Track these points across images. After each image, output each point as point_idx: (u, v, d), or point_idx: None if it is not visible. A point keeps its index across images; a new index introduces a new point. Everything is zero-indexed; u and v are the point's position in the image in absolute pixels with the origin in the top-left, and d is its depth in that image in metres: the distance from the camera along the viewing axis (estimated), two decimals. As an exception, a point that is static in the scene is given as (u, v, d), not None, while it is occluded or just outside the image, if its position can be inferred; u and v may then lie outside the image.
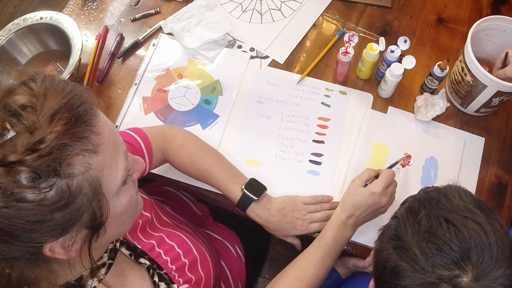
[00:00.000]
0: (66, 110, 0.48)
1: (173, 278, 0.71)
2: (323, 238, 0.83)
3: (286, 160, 1.00)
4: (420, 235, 0.55)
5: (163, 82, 1.09)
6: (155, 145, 0.88)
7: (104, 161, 0.51)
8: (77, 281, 0.59)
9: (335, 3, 1.18)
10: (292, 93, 1.07)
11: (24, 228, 0.46)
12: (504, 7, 1.17)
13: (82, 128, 0.49)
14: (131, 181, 0.58)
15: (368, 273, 0.92)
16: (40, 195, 0.45)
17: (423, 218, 0.56)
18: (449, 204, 0.57)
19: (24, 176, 0.44)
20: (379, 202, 0.82)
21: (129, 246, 0.71)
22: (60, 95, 0.49)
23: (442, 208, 0.56)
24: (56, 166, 0.45)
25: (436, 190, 0.60)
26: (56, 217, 0.47)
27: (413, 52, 1.08)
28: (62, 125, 0.47)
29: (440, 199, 0.58)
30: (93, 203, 0.50)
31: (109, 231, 0.55)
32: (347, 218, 0.83)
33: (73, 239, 0.51)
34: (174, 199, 1.09)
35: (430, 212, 0.57)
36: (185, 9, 1.16)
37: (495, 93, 0.91)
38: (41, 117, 0.46)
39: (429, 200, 0.59)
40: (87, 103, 0.51)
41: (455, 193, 0.58)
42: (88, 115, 0.50)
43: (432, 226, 0.55)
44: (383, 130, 1.01)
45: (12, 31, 1.07)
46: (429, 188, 0.63)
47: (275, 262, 1.53)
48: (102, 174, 0.51)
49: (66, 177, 0.46)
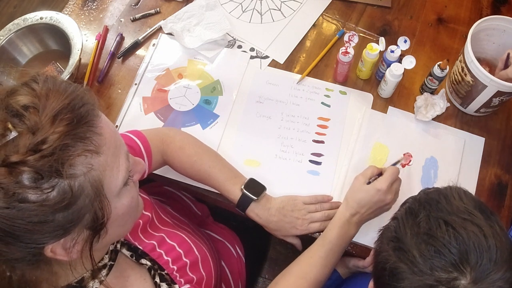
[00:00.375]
0: (68, 110, 0.48)
1: (175, 279, 0.71)
2: (327, 237, 0.83)
3: (286, 160, 1.00)
4: (419, 237, 0.55)
5: (163, 82, 1.09)
6: (154, 147, 0.88)
7: (105, 161, 0.51)
8: (78, 283, 0.59)
9: (335, 3, 1.18)
10: (292, 93, 1.07)
11: (26, 229, 0.46)
12: (504, 7, 1.17)
13: (84, 128, 0.49)
14: (132, 182, 0.58)
15: (368, 273, 0.92)
16: (42, 195, 0.45)
17: (422, 220, 0.56)
18: (449, 206, 0.57)
19: (26, 177, 0.45)
20: (384, 199, 0.82)
21: (130, 247, 0.71)
22: (62, 95, 0.49)
23: (442, 210, 0.56)
24: (58, 167, 0.45)
25: (436, 192, 0.60)
26: (58, 218, 0.47)
27: (413, 52, 1.08)
28: (64, 125, 0.47)
29: (440, 201, 0.58)
30: (94, 204, 0.50)
31: (110, 232, 0.55)
32: (351, 216, 0.83)
33: (74, 240, 0.51)
34: (174, 199, 1.09)
35: (429, 214, 0.56)
36: (185, 9, 1.16)
37: (495, 93, 0.91)
38: (43, 118, 0.47)
39: (429, 202, 0.59)
40: (88, 104, 0.51)
41: (455, 195, 0.58)
42: (90, 116, 0.50)
43: (431, 228, 0.55)
44: (383, 130, 1.01)
45: (12, 31, 1.07)
46: (429, 189, 0.63)
47: (275, 262, 1.53)
48: (104, 175, 0.51)
49: (68, 177, 0.46)
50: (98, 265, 0.62)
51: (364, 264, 0.92)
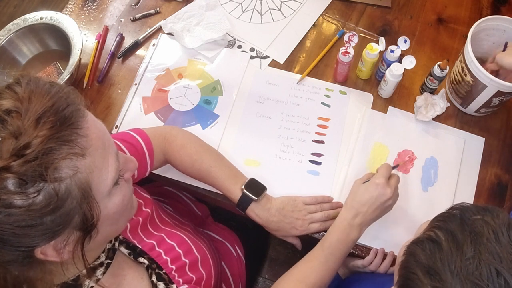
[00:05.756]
0: (51, 113, 0.48)
1: (173, 278, 0.71)
2: (327, 241, 0.82)
3: (286, 160, 1.00)
4: (467, 285, 0.48)
5: (163, 82, 1.09)
6: (156, 145, 0.88)
7: (93, 163, 0.50)
8: (73, 281, 0.58)
9: (335, 3, 1.18)
10: (292, 93, 1.07)
11: (14, 233, 0.46)
12: (504, 7, 1.17)
13: (68, 131, 0.48)
14: (123, 180, 0.58)
15: (368, 272, 0.92)
16: (28, 200, 0.45)
17: (471, 261, 0.49)
18: (498, 246, 0.50)
19: (11, 182, 0.44)
20: (384, 193, 0.81)
21: (128, 245, 0.71)
22: (45, 98, 0.48)
23: (492, 252, 0.49)
24: (42, 171, 0.45)
25: (482, 222, 0.53)
26: (46, 221, 0.47)
27: (413, 52, 1.08)
28: (48, 129, 0.46)
29: (489, 237, 0.51)
30: (83, 206, 0.50)
31: (102, 231, 0.55)
32: (352, 218, 0.81)
33: (65, 242, 0.51)
34: (174, 199, 1.09)
35: (480, 256, 0.49)
36: (185, 9, 1.16)
37: (495, 93, 0.91)
38: (26, 122, 0.46)
39: (476, 234, 0.51)
40: (73, 104, 0.50)
41: (504, 229, 0.52)
42: (75, 117, 0.50)
43: (482, 276, 0.48)
44: (383, 130, 1.01)
45: (12, 31, 1.07)
46: (467, 209, 0.55)
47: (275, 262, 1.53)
48: (92, 177, 0.50)
49: (53, 181, 0.46)
50: (94, 264, 0.62)
51: (363, 263, 0.92)
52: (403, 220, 0.92)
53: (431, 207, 0.94)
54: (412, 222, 0.92)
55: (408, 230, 0.91)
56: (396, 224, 0.92)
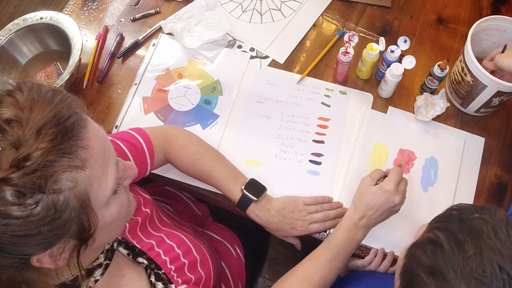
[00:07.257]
0: (53, 124, 0.47)
1: (172, 278, 0.71)
2: (333, 240, 0.81)
3: (286, 160, 1.00)
4: (471, 283, 0.48)
5: (163, 82, 1.09)
6: (156, 145, 0.88)
7: (92, 174, 0.50)
8: (72, 282, 0.58)
9: (335, 3, 1.18)
10: (292, 93, 1.07)
11: (11, 242, 0.46)
12: (504, 7, 1.17)
13: (69, 143, 0.47)
14: (122, 188, 0.57)
15: (367, 271, 0.92)
16: (26, 211, 0.44)
17: (473, 259, 0.49)
18: (499, 242, 0.50)
19: (9, 193, 0.44)
20: (392, 200, 0.80)
21: (127, 245, 0.71)
22: (47, 107, 0.48)
23: (493, 248, 0.50)
24: (41, 183, 0.44)
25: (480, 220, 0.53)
26: (43, 231, 0.46)
27: (413, 52, 1.08)
28: (48, 141, 0.46)
29: (488, 234, 0.51)
30: (81, 216, 0.50)
31: (99, 239, 0.54)
32: (359, 219, 0.81)
33: (61, 249, 0.51)
34: (174, 199, 1.09)
35: (481, 253, 0.49)
36: (185, 9, 1.16)
37: (495, 93, 0.91)
38: (26, 132, 0.45)
39: (475, 231, 0.52)
40: (75, 114, 0.50)
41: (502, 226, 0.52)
42: (76, 129, 0.49)
43: (486, 273, 0.48)
44: (383, 130, 1.01)
45: (12, 31, 1.07)
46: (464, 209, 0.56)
47: (275, 262, 1.53)
48: (91, 188, 0.50)
49: (51, 193, 0.45)
50: (93, 265, 0.62)
51: (363, 263, 0.92)
52: (403, 220, 0.92)
53: (431, 207, 0.94)
54: (412, 222, 0.92)
55: (408, 230, 0.91)
56: (396, 224, 0.91)
